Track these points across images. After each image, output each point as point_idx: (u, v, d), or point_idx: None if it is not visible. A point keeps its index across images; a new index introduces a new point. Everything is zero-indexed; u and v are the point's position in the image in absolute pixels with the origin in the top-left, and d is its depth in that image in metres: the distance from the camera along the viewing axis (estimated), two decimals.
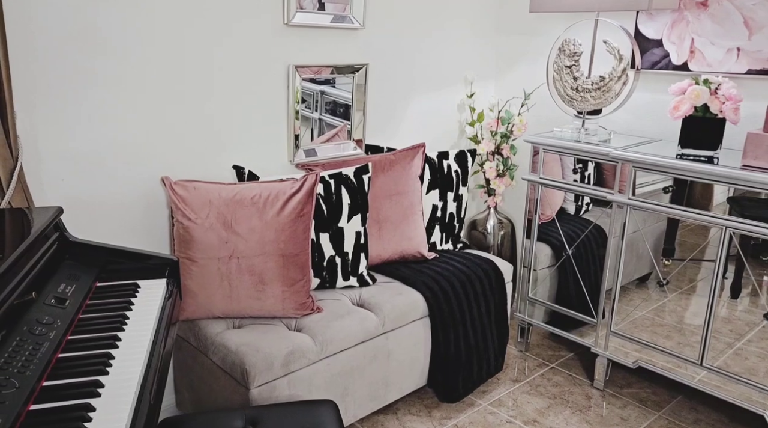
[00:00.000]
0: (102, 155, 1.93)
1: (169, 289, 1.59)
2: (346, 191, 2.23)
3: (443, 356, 2.32)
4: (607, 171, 2.45)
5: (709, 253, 2.22)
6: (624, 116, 2.67)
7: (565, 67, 2.49)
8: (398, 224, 2.43)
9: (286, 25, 2.26)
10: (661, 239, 2.35)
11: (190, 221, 1.95)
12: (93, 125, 1.89)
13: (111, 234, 2.00)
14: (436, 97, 2.93)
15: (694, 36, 2.38)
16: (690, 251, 2.28)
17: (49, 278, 1.42)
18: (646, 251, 2.37)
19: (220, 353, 1.90)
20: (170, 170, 2.09)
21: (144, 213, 2.07)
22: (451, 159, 2.65)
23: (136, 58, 1.93)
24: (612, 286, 2.41)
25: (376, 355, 2.14)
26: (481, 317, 2.43)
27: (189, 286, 1.97)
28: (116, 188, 1.98)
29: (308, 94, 2.41)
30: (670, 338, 2.34)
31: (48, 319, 1.26)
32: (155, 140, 2.04)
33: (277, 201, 2.00)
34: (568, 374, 2.63)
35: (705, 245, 2.22)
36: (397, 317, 2.18)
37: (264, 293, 2.00)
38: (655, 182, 2.27)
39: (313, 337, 1.96)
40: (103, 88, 1.89)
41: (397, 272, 2.38)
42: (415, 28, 2.74)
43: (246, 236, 1.97)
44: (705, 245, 2.22)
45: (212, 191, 2.00)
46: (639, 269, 2.42)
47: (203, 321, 2.01)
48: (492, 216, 3.03)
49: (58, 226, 1.56)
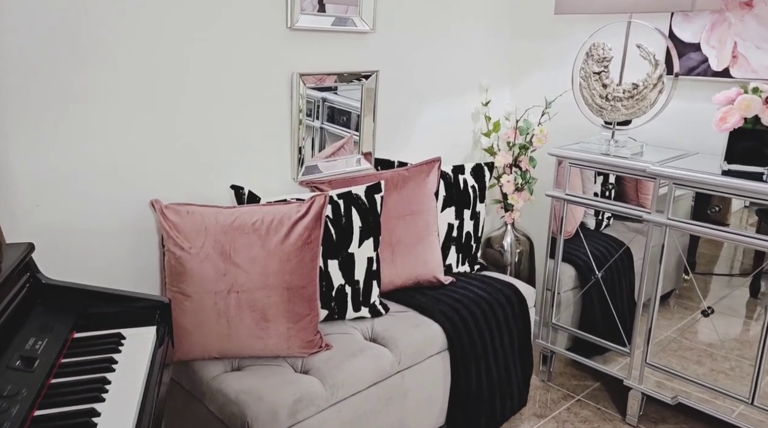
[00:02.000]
0: (82, 177, 1.70)
1: (159, 337, 1.37)
2: (357, 212, 2.01)
3: (464, 393, 2.10)
4: (628, 184, 2.25)
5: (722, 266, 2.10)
6: (656, 127, 2.46)
7: (594, 74, 2.28)
8: (413, 247, 2.21)
9: (289, 29, 2.04)
10: (684, 253, 2.15)
11: (183, 250, 1.73)
12: (71, 144, 1.66)
13: (93, 267, 1.77)
14: (449, 105, 2.71)
15: (737, 39, 2.17)
16: (709, 263, 2.12)
17: (17, 331, 1.19)
18: (668, 267, 2.16)
19: (217, 401, 1.67)
20: (161, 192, 1.86)
21: (131, 242, 1.84)
22: (467, 173, 2.43)
23: (120, 68, 1.71)
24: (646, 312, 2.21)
25: (392, 396, 1.92)
26: (504, 348, 2.21)
27: (182, 324, 1.74)
28: (99, 215, 1.76)
29: (309, 101, 2.19)
30: (702, 363, 2.15)
31: (11, 389, 1.04)
32: (143, 159, 1.81)
33: (281, 227, 1.78)
34: (596, 407, 2.41)
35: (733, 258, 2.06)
36: (414, 352, 1.96)
37: (267, 332, 1.78)
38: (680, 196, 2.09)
39: (323, 380, 1.74)
40: (82, 103, 1.66)
41: (413, 300, 2.16)
42: (427, 31, 2.52)
43: (246, 268, 1.75)
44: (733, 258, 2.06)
45: (208, 216, 1.77)
46: (662, 286, 2.22)
47: (198, 362, 1.79)
48: (509, 233, 2.82)
49: (28, 266, 1.34)
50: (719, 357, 2.11)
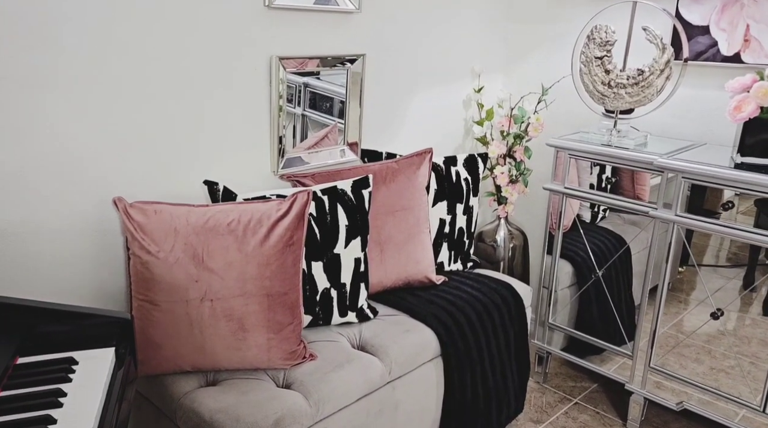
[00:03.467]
0: (34, 172, 1.51)
1: (119, 358, 1.20)
2: (343, 209, 1.85)
3: (458, 402, 1.96)
4: (624, 175, 2.12)
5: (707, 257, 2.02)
6: (660, 116, 2.32)
7: (596, 59, 2.13)
8: (403, 245, 2.05)
9: (267, 8, 1.85)
10: (680, 246, 2.03)
11: (150, 254, 1.55)
12: (20, 136, 1.47)
13: (45, 277, 1.59)
14: (440, 91, 2.54)
15: (749, 21, 2.03)
16: (699, 254, 2.03)
17: None
18: (661, 260, 2.04)
19: (190, 421, 1.51)
20: (124, 189, 1.68)
21: (90, 246, 1.65)
22: (460, 165, 2.27)
23: (74, 51, 1.51)
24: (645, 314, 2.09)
25: (382, 409, 1.78)
26: (500, 352, 2.08)
27: (151, 336, 1.57)
28: (52, 216, 1.57)
29: (290, 86, 2.01)
30: (701, 361, 2.04)
31: None
32: (105, 151, 1.62)
33: (260, 227, 1.61)
34: (595, 411, 2.30)
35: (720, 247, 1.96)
36: (405, 361, 1.81)
37: (245, 343, 1.61)
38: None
39: (307, 395, 1.58)
40: (31, 90, 1.46)
41: (403, 303, 2.01)
42: (417, 12, 2.34)
43: (222, 273, 1.58)
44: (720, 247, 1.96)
45: (178, 216, 1.59)
46: (654, 279, 2.10)
47: (169, 376, 1.62)
48: (502, 227, 2.67)
49: None
50: (718, 354, 2.02)
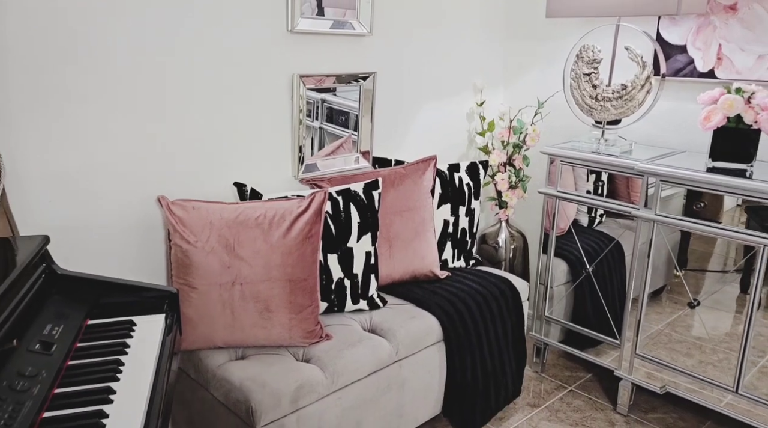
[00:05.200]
0: (91, 175, 1.78)
1: (167, 325, 1.44)
2: (356, 208, 2.09)
3: (459, 383, 2.17)
4: (620, 181, 2.32)
5: (713, 262, 2.15)
6: (645, 126, 2.54)
7: (584, 75, 2.36)
8: (409, 242, 2.29)
9: (289, 32, 2.12)
10: (675, 250, 2.22)
11: (189, 244, 1.80)
12: (80, 142, 1.74)
13: (103, 261, 1.85)
14: (445, 105, 2.79)
15: (721, 42, 2.26)
16: (701, 260, 2.18)
17: (34, 318, 1.26)
18: (660, 263, 2.24)
19: (222, 388, 1.75)
20: (166, 189, 1.94)
21: (139, 236, 1.91)
22: (463, 171, 2.51)
23: (127, 69, 1.78)
24: (636, 305, 2.28)
25: (390, 385, 2.00)
26: (498, 340, 2.29)
27: (188, 315, 1.82)
28: (108, 211, 1.83)
29: (309, 102, 2.26)
30: (691, 356, 2.22)
31: (31, 370, 1.11)
32: (150, 156, 1.89)
33: (283, 222, 1.86)
34: (588, 397, 2.49)
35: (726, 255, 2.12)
36: (411, 343, 2.04)
37: (270, 322, 1.85)
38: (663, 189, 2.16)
39: (323, 368, 1.81)
40: (90, 103, 1.73)
41: (410, 294, 2.24)
42: (423, 34, 2.60)
43: (250, 261, 1.82)
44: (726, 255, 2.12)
45: (213, 212, 1.85)
46: (654, 281, 2.29)
47: (204, 351, 1.86)
48: (504, 230, 2.89)
49: (44, 257, 1.41)
50: (708, 349, 2.18)
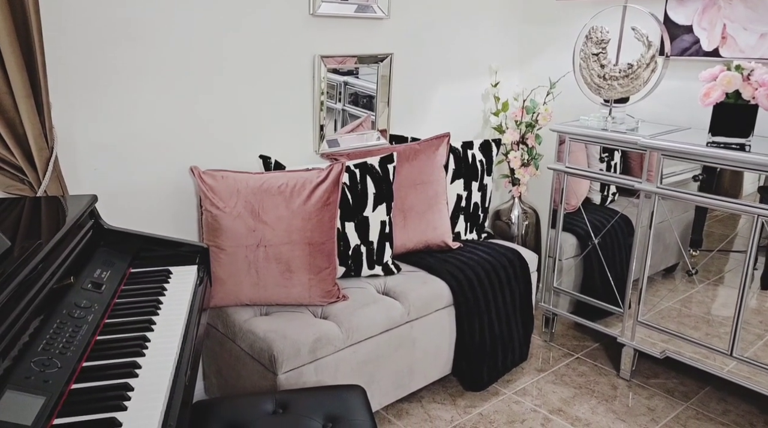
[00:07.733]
0: (132, 145, 1.97)
1: (199, 276, 1.62)
2: (371, 180, 2.24)
3: (468, 345, 2.32)
4: (634, 160, 2.42)
5: (737, 244, 2.18)
6: (652, 104, 2.64)
7: (592, 55, 2.47)
8: (423, 214, 2.43)
9: (311, 16, 2.27)
10: (689, 230, 2.31)
11: (218, 209, 1.98)
12: (123, 115, 1.93)
13: (141, 222, 2.04)
14: (461, 86, 2.92)
15: (726, 21, 2.34)
16: (718, 241, 2.24)
17: (86, 264, 1.45)
18: (673, 241, 2.34)
19: (248, 339, 1.93)
20: (199, 160, 2.12)
21: (173, 202, 2.10)
22: (476, 149, 2.64)
23: (167, 49, 1.96)
24: (639, 276, 2.39)
25: (401, 343, 2.16)
26: (506, 306, 2.42)
27: (217, 273, 2.00)
28: (146, 178, 2.02)
29: (332, 85, 2.42)
30: (698, 329, 2.31)
31: (86, 303, 1.30)
32: (184, 130, 2.07)
33: (303, 190, 2.02)
34: (593, 364, 2.61)
35: (733, 236, 2.19)
36: (422, 305, 2.19)
37: (291, 281, 2.02)
38: (683, 172, 2.24)
39: (339, 325, 1.98)
40: (133, 80, 1.92)
41: (422, 262, 2.39)
42: (440, 17, 2.73)
43: (273, 225, 2.00)
44: (733, 236, 2.19)
45: (240, 181, 2.02)
46: (666, 259, 2.39)
47: (231, 308, 2.05)
48: (516, 206, 3.02)
49: (93, 213, 1.60)
50: (716, 323, 2.27)
